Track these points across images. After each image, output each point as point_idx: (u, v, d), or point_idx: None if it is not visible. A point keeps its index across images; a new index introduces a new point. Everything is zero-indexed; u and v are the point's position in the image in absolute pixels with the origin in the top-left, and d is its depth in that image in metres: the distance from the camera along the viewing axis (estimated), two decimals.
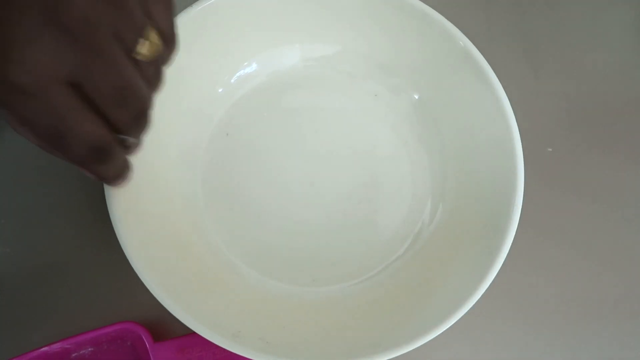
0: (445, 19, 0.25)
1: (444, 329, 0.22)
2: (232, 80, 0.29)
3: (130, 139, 0.19)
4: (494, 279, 0.23)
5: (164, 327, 0.26)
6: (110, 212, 0.22)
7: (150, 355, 0.24)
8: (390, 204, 0.28)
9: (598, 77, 0.32)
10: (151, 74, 0.18)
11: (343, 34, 0.28)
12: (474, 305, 0.22)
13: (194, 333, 0.22)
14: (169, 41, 0.18)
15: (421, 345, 0.22)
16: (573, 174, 0.30)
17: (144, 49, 0.16)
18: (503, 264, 0.23)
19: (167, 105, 0.26)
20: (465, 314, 0.22)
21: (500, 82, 0.25)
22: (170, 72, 0.26)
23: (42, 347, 0.25)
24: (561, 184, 0.30)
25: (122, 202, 0.23)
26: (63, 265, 0.28)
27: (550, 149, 0.31)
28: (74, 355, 0.25)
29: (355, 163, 0.28)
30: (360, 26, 0.27)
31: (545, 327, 0.28)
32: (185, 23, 0.25)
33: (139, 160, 0.25)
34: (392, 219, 0.27)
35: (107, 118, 0.17)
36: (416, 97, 0.29)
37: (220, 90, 0.28)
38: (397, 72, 0.29)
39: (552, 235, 0.29)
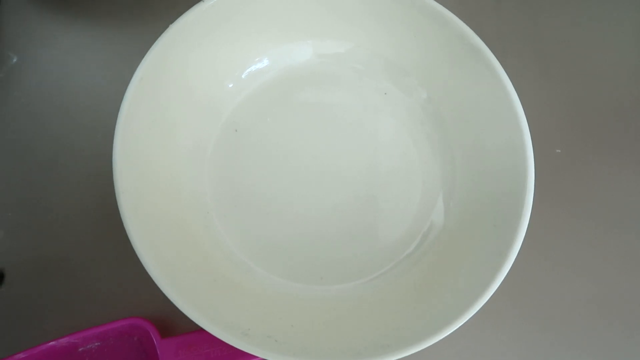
0: (459, 19, 0.25)
1: (455, 329, 0.22)
2: (243, 76, 0.28)
3: None
4: (504, 279, 0.23)
5: (172, 323, 0.26)
6: (119, 207, 0.22)
7: (158, 351, 0.24)
8: (399, 202, 0.28)
9: (608, 79, 0.32)
10: None
11: (355, 31, 0.28)
12: (483, 305, 0.22)
13: (201, 330, 0.21)
14: None
15: (430, 345, 0.22)
16: (582, 175, 0.30)
17: None
18: (512, 265, 0.23)
19: (176, 100, 0.26)
20: (474, 314, 0.22)
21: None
22: (181, 67, 0.26)
23: (49, 342, 0.25)
24: (570, 186, 0.30)
25: (131, 197, 0.23)
26: (71, 259, 0.27)
27: (559, 150, 0.31)
28: (80, 349, 0.25)
29: (364, 161, 0.28)
30: (373, 24, 0.27)
31: (554, 328, 0.28)
32: (196, 18, 0.24)
33: (148, 155, 0.25)
34: (401, 217, 0.27)
35: None
36: (426, 96, 0.29)
37: (230, 85, 0.28)
38: (408, 71, 0.28)
39: (562, 236, 0.29)
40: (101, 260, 0.27)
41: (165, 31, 0.24)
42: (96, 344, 0.26)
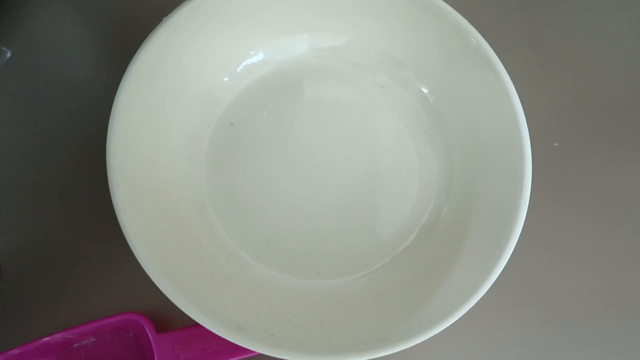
0: (457, 13, 0.25)
1: (451, 323, 0.22)
2: (239, 70, 0.28)
3: None
4: (501, 271, 0.23)
5: (167, 318, 0.26)
6: (114, 202, 0.22)
7: (153, 346, 0.24)
8: (397, 196, 0.28)
9: (606, 73, 0.32)
10: None
11: (352, 24, 0.28)
12: (480, 299, 0.22)
13: (197, 324, 0.21)
14: None
15: (428, 338, 0.22)
16: (580, 168, 0.30)
17: None
18: (509, 258, 0.23)
19: (171, 94, 0.26)
20: (471, 308, 0.22)
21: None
22: (176, 61, 0.26)
23: (44, 337, 0.24)
24: (568, 179, 0.30)
25: (125, 191, 0.22)
26: (66, 255, 0.27)
27: (557, 144, 0.31)
28: (76, 345, 0.25)
29: (362, 155, 0.28)
30: (370, 17, 0.27)
31: (550, 322, 0.28)
32: (189, 11, 0.24)
33: (143, 149, 0.24)
34: (399, 211, 0.27)
35: None
36: (424, 90, 0.28)
37: (225, 79, 0.28)
38: (405, 65, 0.28)
39: (559, 229, 0.29)
40: (96, 255, 0.27)
41: (159, 25, 0.24)
42: (91, 339, 0.25)
